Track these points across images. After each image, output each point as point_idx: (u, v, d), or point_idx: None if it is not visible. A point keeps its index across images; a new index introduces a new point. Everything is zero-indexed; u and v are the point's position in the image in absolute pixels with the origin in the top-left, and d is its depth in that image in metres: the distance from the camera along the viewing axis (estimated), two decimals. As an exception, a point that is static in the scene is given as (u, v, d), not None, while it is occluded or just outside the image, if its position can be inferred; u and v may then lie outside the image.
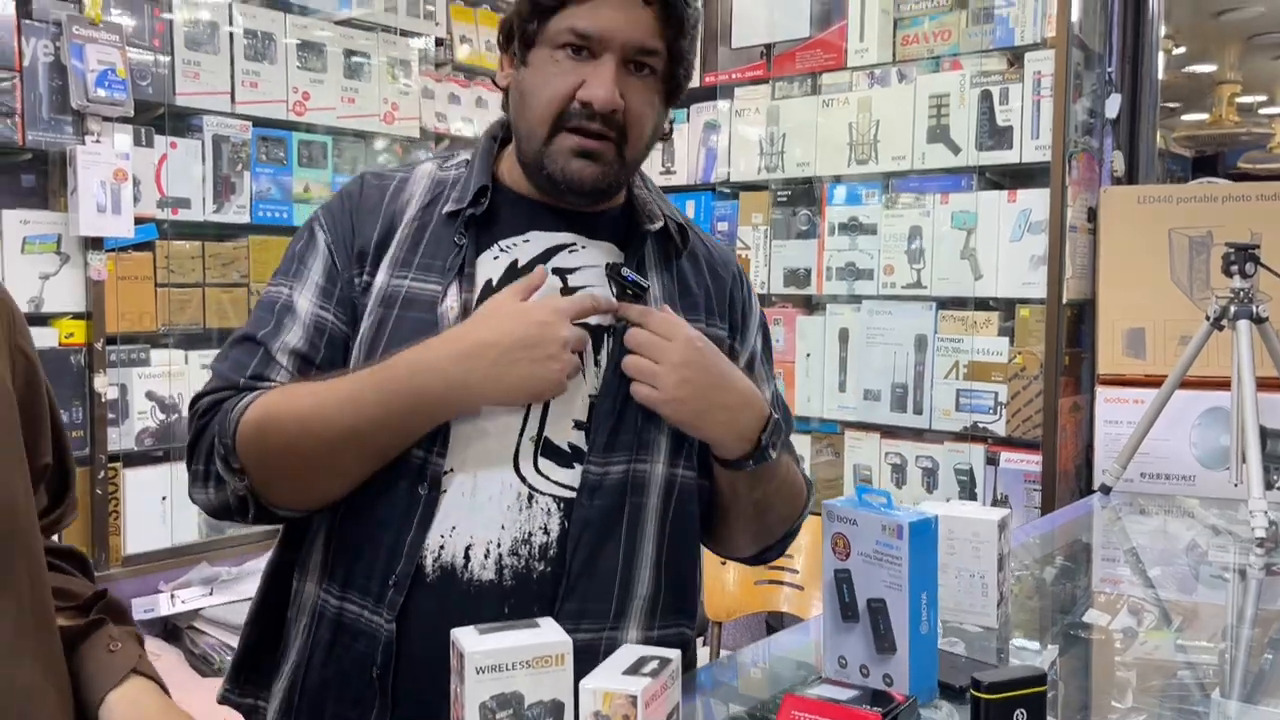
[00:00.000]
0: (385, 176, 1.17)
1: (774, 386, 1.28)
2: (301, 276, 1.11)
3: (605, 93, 1.03)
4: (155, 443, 2.46)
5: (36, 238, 2.25)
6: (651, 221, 1.16)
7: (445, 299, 1.06)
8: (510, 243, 1.12)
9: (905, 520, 1.09)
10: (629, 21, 1.04)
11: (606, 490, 1.07)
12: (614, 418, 1.08)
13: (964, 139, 2.67)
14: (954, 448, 2.69)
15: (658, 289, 1.15)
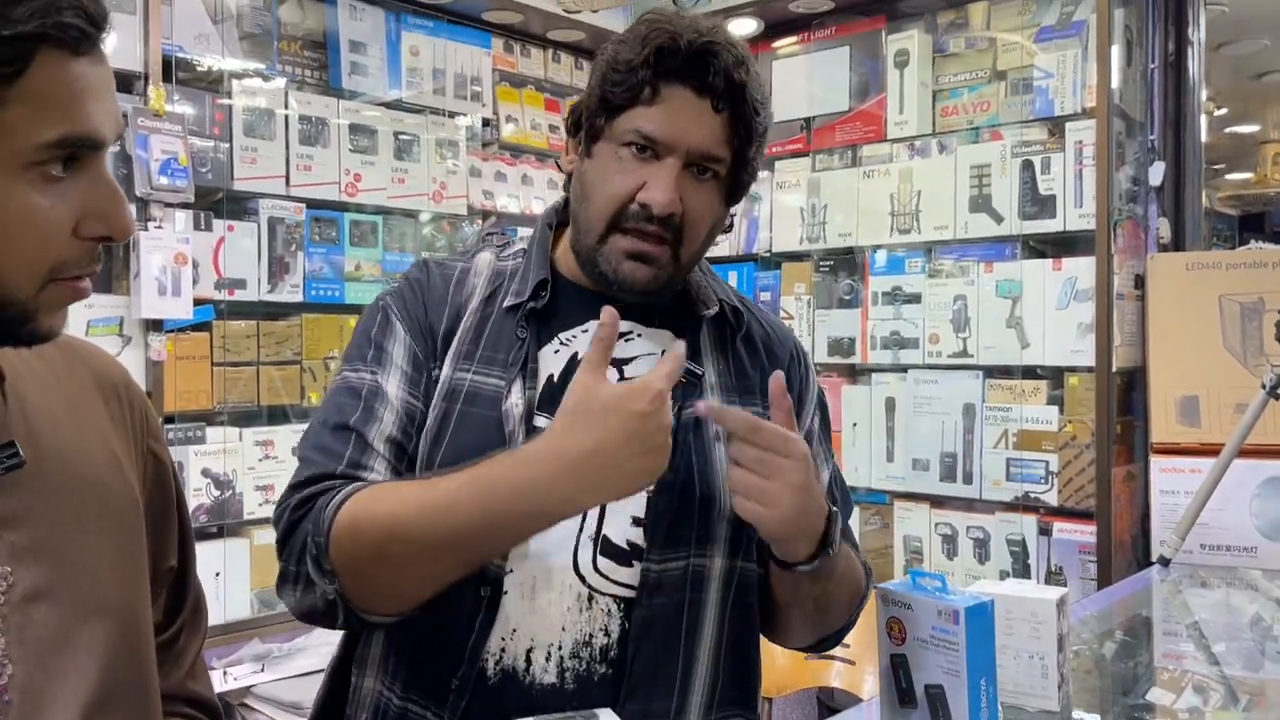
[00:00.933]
0: (447, 266, 1.17)
1: (832, 467, 1.26)
2: (385, 363, 1.09)
3: (665, 197, 1.02)
4: (210, 519, 2.50)
5: (100, 320, 2.32)
6: (706, 307, 1.16)
7: (509, 395, 1.06)
8: (570, 335, 1.12)
9: (961, 605, 1.08)
10: (697, 128, 1.03)
11: (666, 588, 1.05)
12: (672, 513, 1.06)
13: (1006, 208, 2.68)
14: (1005, 518, 2.66)
15: (713, 375, 1.15)
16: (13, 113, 0.64)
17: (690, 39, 1.03)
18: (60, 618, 0.73)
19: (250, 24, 2.60)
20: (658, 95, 1.03)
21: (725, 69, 1.03)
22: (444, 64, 2.97)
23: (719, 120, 1.04)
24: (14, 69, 0.63)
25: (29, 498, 0.74)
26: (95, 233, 0.69)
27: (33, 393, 0.79)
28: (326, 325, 2.69)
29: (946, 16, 2.87)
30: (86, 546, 0.77)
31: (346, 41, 2.77)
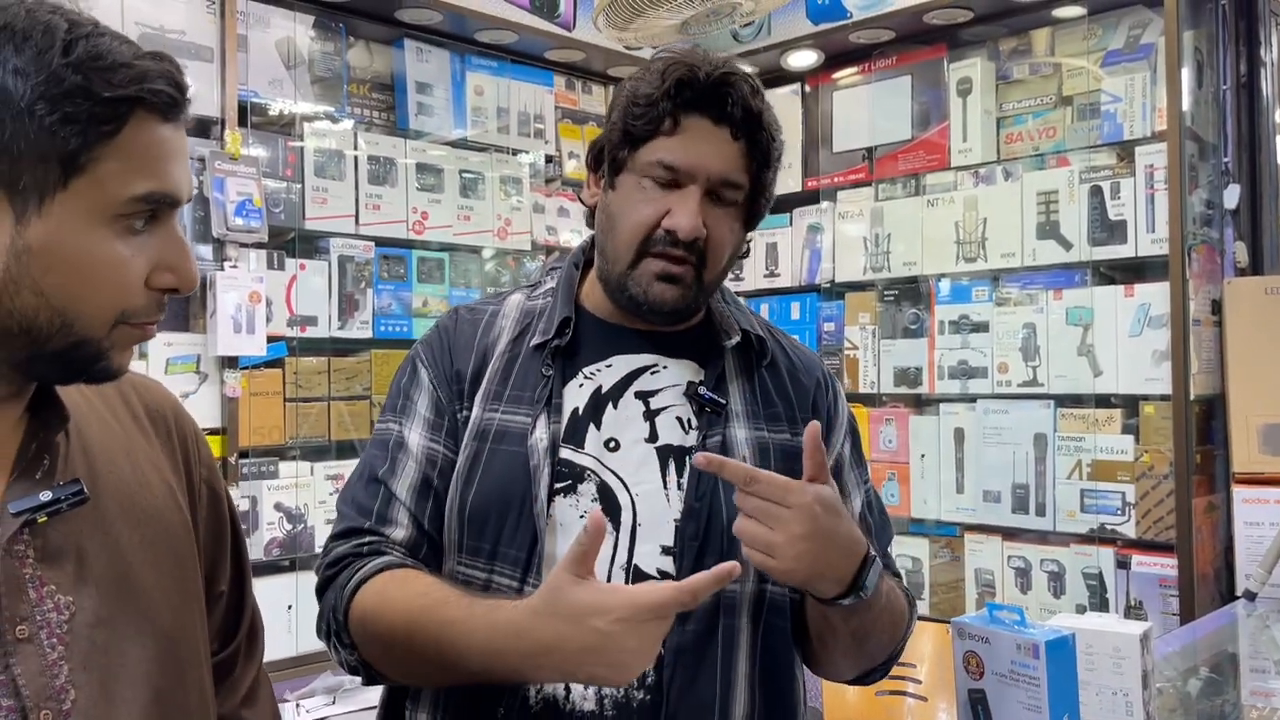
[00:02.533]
0: (477, 310, 1.22)
1: (865, 492, 1.25)
2: (409, 413, 1.15)
3: (689, 222, 1.06)
4: (282, 553, 2.54)
5: (179, 358, 2.38)
6: (729, 336, 1.17)
7: (535, 430, 1.09)
8: (594, 369, 1.15)
9: (1041, 639, 1.05)
10: (716, 156, 1.07)
11: (699, 614, 1.06)
12: (699, 540, 1.08)
13: (1075, 234, 2.63)
14: (1081, 550, 2.59)
15: (739, 403, 1.16)
16: (107, 167, 0.70)
17: (708, 71, 1.07)
18: (119, 644, 0.76)
19: (321, 68, 2.68)
20: (678, 126, 1.07)
21: (742, 98, 1.07)
22: (507, 103, 3.03)
23: (737, 148, 1.08)
24: (112, 127, 0.70)
25: (89, 530, 0.77)
26: (165, 284, 0.75)
27: (93, 430, 0.83)
28: (395, 360, 2.73)
29: (1009, 43, 2.85)
30: (142, 575, 0.80)
31: (413, 83, 2.84)
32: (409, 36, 2.82)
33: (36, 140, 0.67)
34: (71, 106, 0.67)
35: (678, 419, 1.13)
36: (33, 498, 0.72)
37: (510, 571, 1.06)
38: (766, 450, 1.14)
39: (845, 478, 1.22)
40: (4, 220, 0.68)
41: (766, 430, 1.15)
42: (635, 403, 1.13)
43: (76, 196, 0.69)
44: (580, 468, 1.09)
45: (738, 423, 1.14)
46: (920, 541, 2.90)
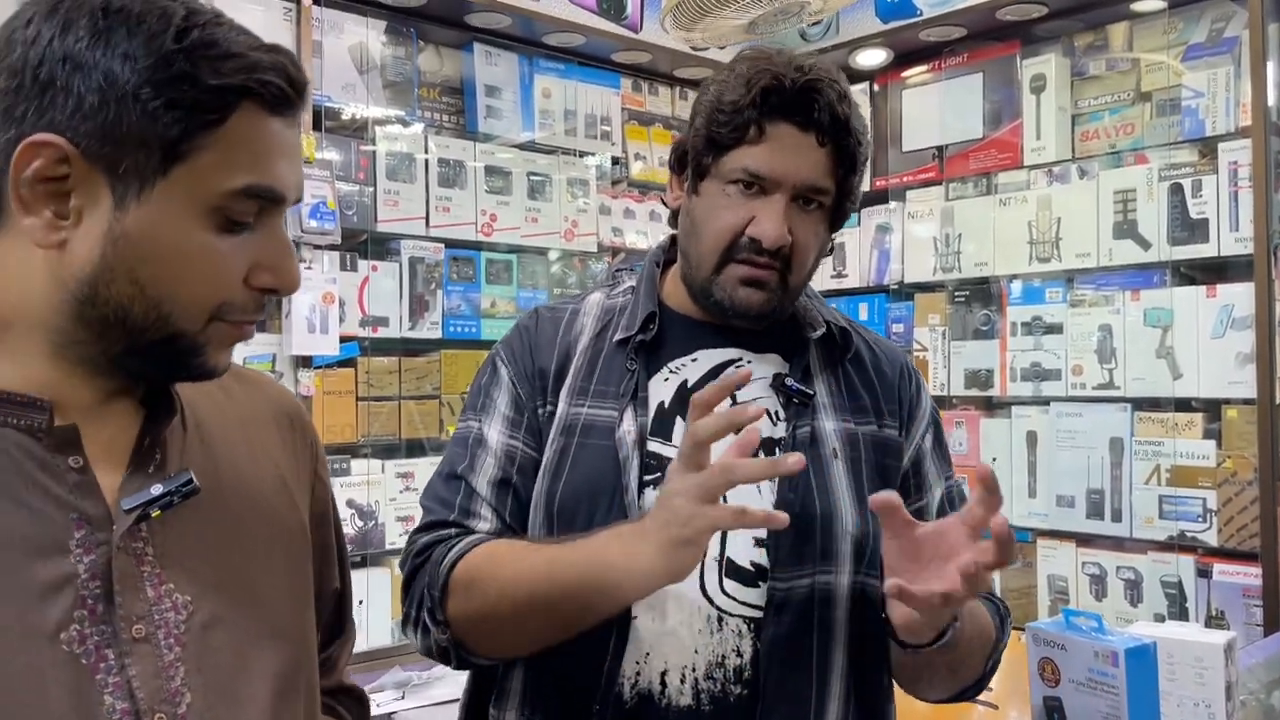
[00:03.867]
0: (558, 310, 1.22)
1: (947, 486, 1.23)
2: (489, 410, 1.16)
3: (775, 231, 1.06)
4: (354, 549, 2.59)
5: (255, 357, 2.44)
6: (813, 328, 1.17)
7: (622, 423, 1.10)
8: (679, 364, 1.15)
9: (1121, 646, 1.03)
10: (803, 163, 1.07)
11: (794, 606, 1.06)
12: (795, 532, 1.06)
13: (1154, 234, 2.57)
14: (1159, 558, 2.52)
15: (825, 395, 1.15)
16: (208, 157, 0.68)
17: (794, 78, 1.06)
18: (236, 645, 0.75)
19: (393, 73, 2.72)
20: (764, 134, 1.06)
21: (829, 104, 1.06)
22: (575, 105, 3.05)
23: (823, 154, 1.07)
24: (217, 117, 0.68)
25: (208, 527, 0.76)
26: (264, 283, 0.73)
27: (212, 421, 0.82)
28: (464, 361, 2.77)
29: (1085, 39, 2.78)
30: (260, 574, 0.79)
31: (482, 86, 2.87)
32: (478, 40, 2.85)
33: (140, 125, 0.66)
34: (176, 93, 0.66)
35: (765, 411, 1.12)
36: (144, 493, 0.71)
37: None
38: (855, 440, 1.14)
39: (925, 469, 1.21)
40: (103, 205, 0.68)
41: (854, 421, 1.15)
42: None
43: (176, 185, 0.68)
44: (668, 459, 1.08)
45: (825, 414, 1.14)
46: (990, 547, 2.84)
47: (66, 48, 0.66)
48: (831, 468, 1.11)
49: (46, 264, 0.68)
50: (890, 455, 1.16)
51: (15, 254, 0.69)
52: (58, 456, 0.70)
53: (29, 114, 0.66)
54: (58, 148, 0.66)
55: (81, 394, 0.72)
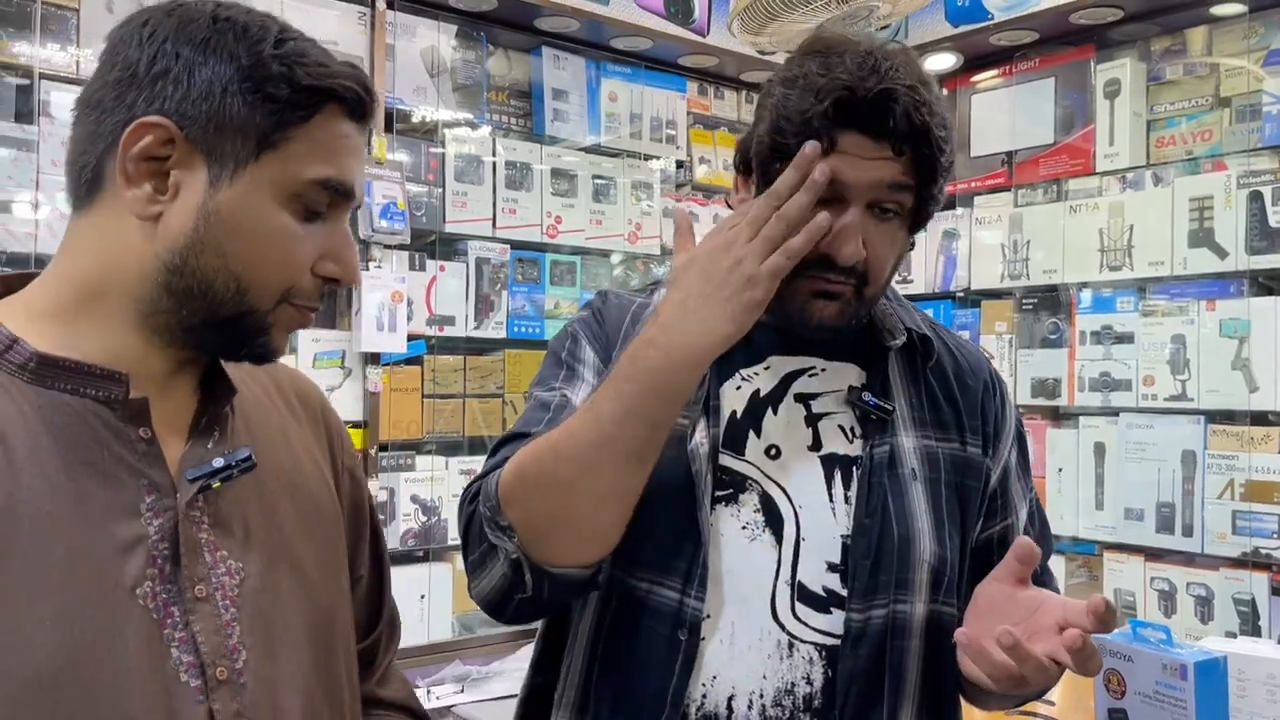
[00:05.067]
0: (625, 300, 1.16)
1: (1029, 502, 1.19)
2: (574, 379, 1.10)
3: (850, 249, 0.99)
4: (417, 543, 2.63)
5: (325, 354, 2.50)
6: (893, 337, 1.10)
7: (694, 435, 1.04)
8: (751, 371, 1.09)
9: (1190, 660, 1.01)
10: (878, 174, 0.98)
11: (870, 637, 1.02)
12: (872, 558, 1.03)
13: (1231, 242, 2.50)
14: (1232, 575, 2.46)
15: (905, 409, 1.09)
16: (295, 148, 0.76)
17: (867, 87, 0.96)
18: (281, 611, 0.81)
19: (462, 76, 2.76)
20: (835, 145, 0.97)
21: (905, 113, 0.97)
22: (640, 108, 3.06)
23: (900, 163, 0.99)
24: (306, 113, 0.76)
25: (253, 500, 0.82)
26: (329, 273, 0.80)
27: (252, 408, 0.88)
28: (527, 361, 2.80)
29: (1162, 43, 2.73)
30: (299, 547, 0.85)
31: (549, 90, 2.90)
32: (546, 44, 2.88)
33: (239, 115, 0.74)
34: (274, 89, 0.75)
35: (840, 427, 1.07)
36: (207, 465, 0.77)
37: (672, 583, 1.02)
38: (936, 460, 1.08)
39: (1011, 489, 1.16)
40: (199, 183, 0.75)
41: (935, 439, 1.09)
42: (796, 406, 1.07)
43: (264, 170, 0.75)
44: (741, 476, 1.04)
45: (904, 430, 1.08)
46: (1056, 559, 2.80)
47: (180, 46, 0.75)
48: (910, 490, 1.06)
49: (141, 235, 0.75)
50: (971, 476, 1.10)
51: (111, 225, 0.76)
52: (129, 426, 0.75)
53: (139, 100, 0.74)
54: (165, 129, 0.73)
55: (154, 364, 0.79)
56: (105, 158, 0.75)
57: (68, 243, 0.78)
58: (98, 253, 0.76)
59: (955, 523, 1.08)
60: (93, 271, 0.76)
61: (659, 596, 1.02)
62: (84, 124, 0.76)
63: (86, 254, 0.76)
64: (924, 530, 1.05)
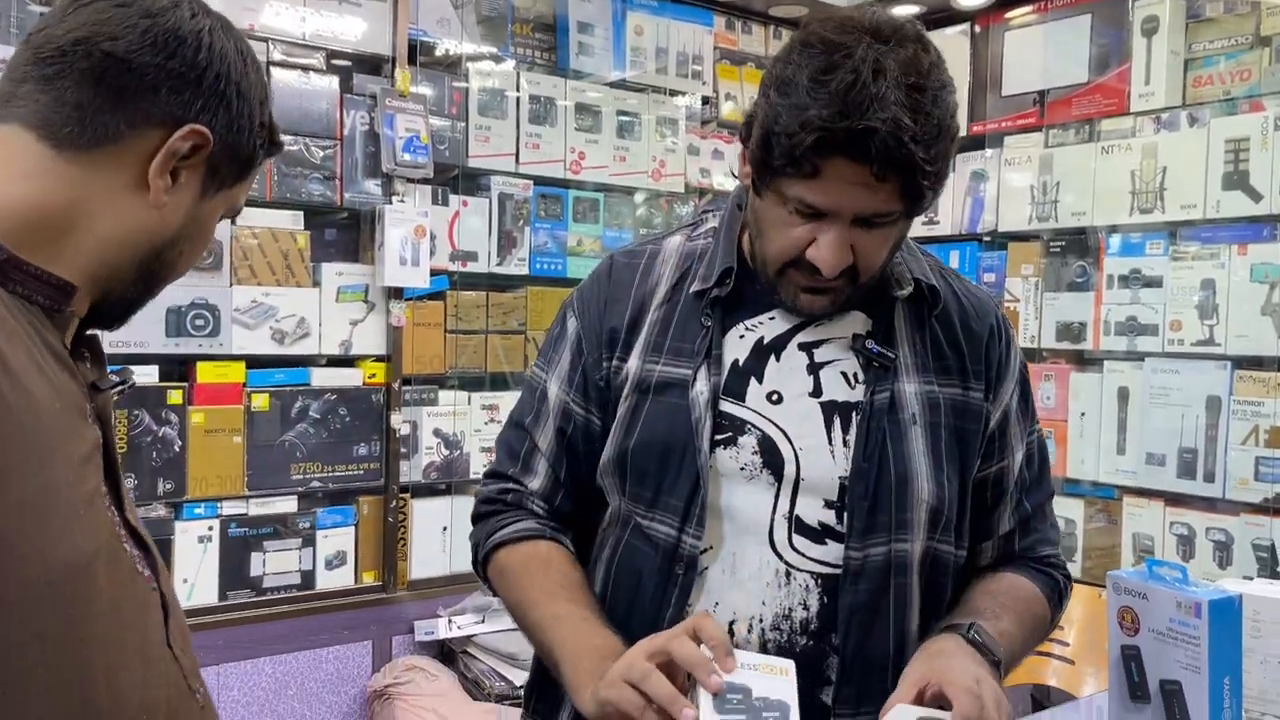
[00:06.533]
0: (635, 254, 1.19)
1: (1027, 444, 1.19)
2: (554, 363, 1.17)
3: (833, 260, 1.00)
4: (440, 476, 2.67)
5: (349, 288, 2.51)
6: (900, 287, 1.11)
7: (695, 384, 1.08)
8: (755, 321, 1.12)
9: (1205, 597, 1.02)
10: (861, 198, 0.98)
11: (870, 574, 1.05)
12: (870, 500, 1.06)
13: (1266, 185, 2.46)
14: (1252, 520, 2.45)
15: (909, 356, 1.11)
16: (244, 184, 0.90)
17: (848, 124, 0.93)
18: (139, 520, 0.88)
19: (487, 8, 2.73)
20: (819, 171, 0.97)
21: (885, 148, 0.94)
22: (666, 43, 3.02)
23: (885, 187, 0.97)
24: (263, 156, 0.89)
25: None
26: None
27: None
28: (549, 298, 2.81)
29: (1203, -21, 2.66)
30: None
31: (575, 23, 2.86)
32: (572, -24, 2.84)
33: (247, 153, 0.86)
34: (261, 140, 0.87)
35: (843, 374, 1.09)
36: (108, 380, 0.83)
37: (670, 520, 1.07)
38: (937, 404, 1.10)
39: (1010, 431, 1.17)
40: (195, 187, 0.83)
41: (937, 384, 1.11)
42: (799, 355, 1.10)
43: (229, 194, 0.87)
44: (741, 421, 1.08)
45: (907, 377, 1.10)
46: (1075, 503, 2.81)
47: (236, 74, 0.84)
48: (909, 434, 1.08)
49: (145, 213, 0.81)
50: (970, 420, 1.12)
51: (110, 184, 0.79)
52: (58, 336, 0.78)
53: (195, 104, 0.81)
54: (208, 142, 0.81)
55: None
56: (131, 127, 0.78)
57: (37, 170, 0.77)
58: (82, 201, 0.78)
59: (954, 465, 1.10)
60: (70, 212, 0.77)
61: (660, 532, 1.08)
62: (111, 78, 0.77)
63: (66, 194, 0.77)
64: (922, 472, 1.07)
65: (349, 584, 2.53)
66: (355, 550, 2.55)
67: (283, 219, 2.45)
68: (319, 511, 2.50)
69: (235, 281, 2.37)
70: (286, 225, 2.45)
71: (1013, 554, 1.19)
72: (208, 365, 2.34)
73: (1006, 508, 1.17)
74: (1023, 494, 1.18)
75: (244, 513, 2.41)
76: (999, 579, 1.15)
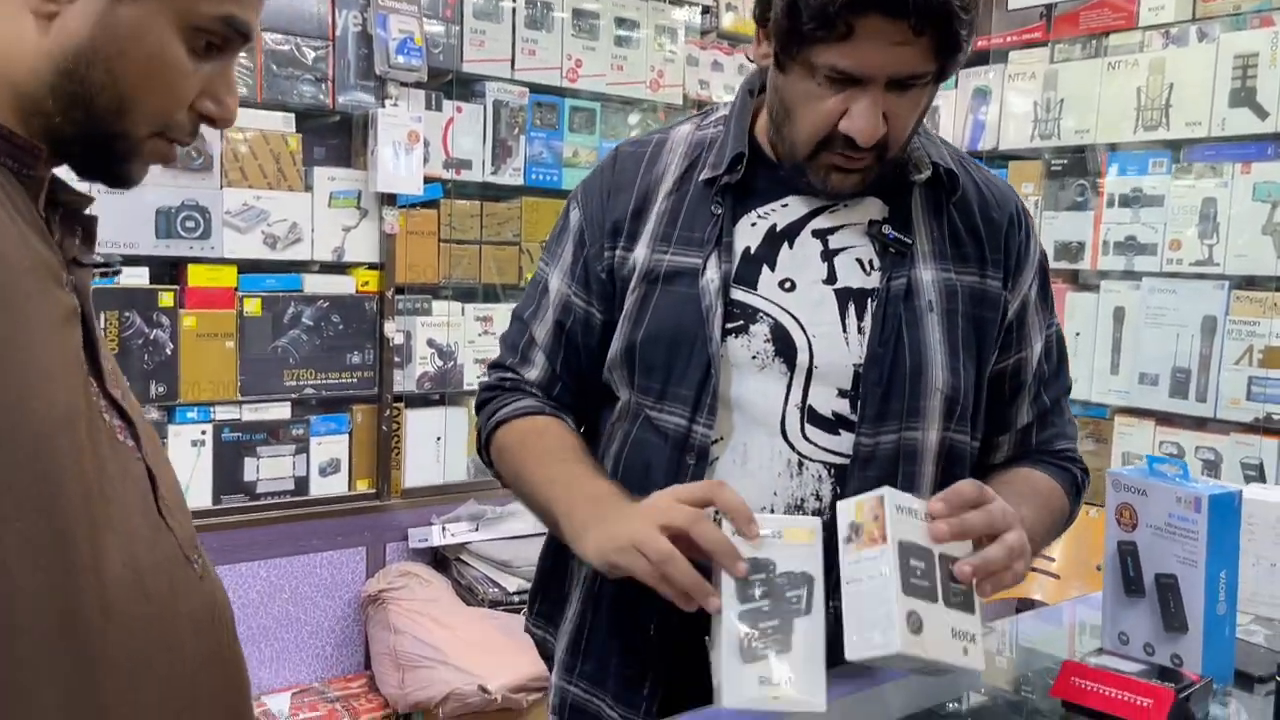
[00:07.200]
0: (641, 143, 1.16)
1: (1046, 336, 1.18)
2: (557, 257, 1.16)
3: (870, 128, 0.97)
4: (433, 386, 2.66)
5: (341, 193, 2.47)
6: (918, 171, 1.09)
7: (705, 271, 1.06)
8: (768, 208, 1.09)
9: (1205, 492, 1.02)
10: (896, 58, 0.95)
11: (880, 461, 1.04)
12: (884, 386, 1.04)
13: (1273, 102, 2.42)
14: (1242, 439, 2.47)
15: (926, 243, 1.09)
16: None
17: None
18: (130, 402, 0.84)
19: (482, -93, 2.65)
20: (852, 31, 0.93)
21: None
22: (667, -51, 2.94)
23: (919, 43, 0.94)
24: None
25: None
26: (208, 111, 0.78)
27: None
28: (544, 209, 2.77)
29: (1219, -112, 2.59)
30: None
31: (573, -76, 2.78)
32: (571, -125, 2.75)
33: None
34: None
35: (858, 260, 1.07)
36: (92, 256, 0.78)
37: (680, 410, 1.05)
38: (954, 292, 1.08)
39: (1029, 322, 1.15)
40: None
41: (954, 271, 1.09)
42: (813, 241, 1.07)
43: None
44: (752, 309, 1.06)
45: (924, 263, 1.07)
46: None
47: None
48: (925, 321, 1.06)
49: (37, 30, 0.72)
50: (988, 308, 1.10)
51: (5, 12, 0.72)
52: (30, 203, 0.74)
53: None
54: None
55: None
56: None
57: None
58: None
59: (971, 353, 1.09)
60: None
61: (670, 423, 1.06)
62: None
63: None
64: (938, 360, 1.06)
65: (343, 491, 2.54)
66: (349, 458, 2.55)
67: (273, 121, 2.39)
68: (313, 419, 2.50)
69: (226, 184, 2.33)
70: (277, 128, 2.40)
71: (1030, 449, 1.18)
72: (199, 268, 2.31)
73: (1025, 400, 1.16)
74: (1041, 386, 1.17)
75: (237, 418, 2.40)
76: (1015, 473, 1.15)
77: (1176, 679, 0.95)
